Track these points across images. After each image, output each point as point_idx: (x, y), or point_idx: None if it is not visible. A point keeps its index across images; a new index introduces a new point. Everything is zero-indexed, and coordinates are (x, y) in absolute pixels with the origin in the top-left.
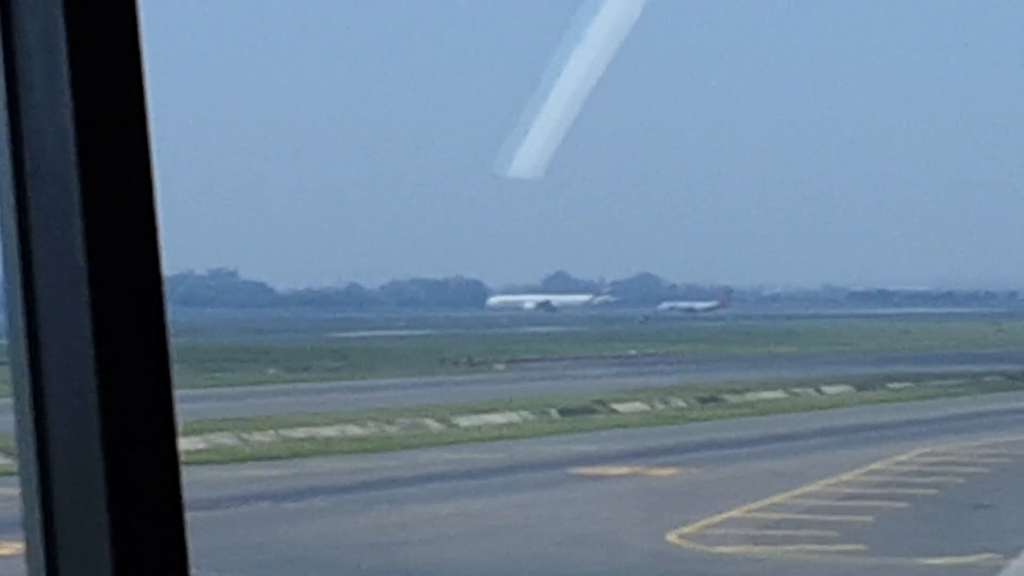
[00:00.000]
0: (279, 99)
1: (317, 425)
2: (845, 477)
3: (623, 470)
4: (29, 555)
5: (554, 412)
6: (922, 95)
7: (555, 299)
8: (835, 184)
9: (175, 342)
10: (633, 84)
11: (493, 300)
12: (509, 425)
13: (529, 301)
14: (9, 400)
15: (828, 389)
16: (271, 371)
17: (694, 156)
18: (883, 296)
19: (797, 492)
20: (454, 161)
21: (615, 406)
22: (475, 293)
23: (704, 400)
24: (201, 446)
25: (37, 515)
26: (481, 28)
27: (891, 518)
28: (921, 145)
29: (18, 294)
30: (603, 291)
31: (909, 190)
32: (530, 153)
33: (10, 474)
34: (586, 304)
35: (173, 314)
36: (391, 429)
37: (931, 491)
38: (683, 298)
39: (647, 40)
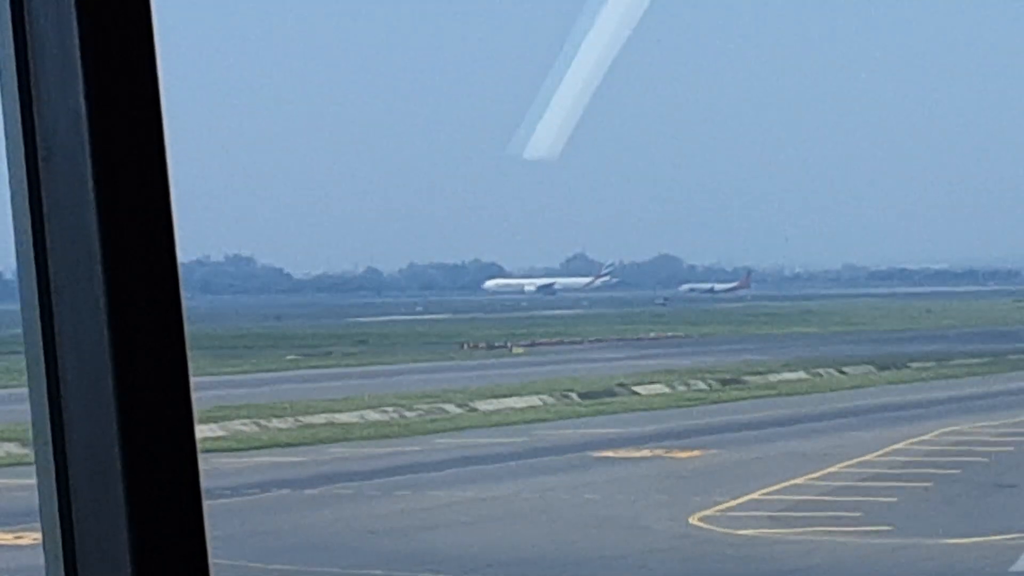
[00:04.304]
0: (296, 85)
1: (336, 411)
2: (868, 457)
3: (645, 453)
4: (46, 543)
5: (574, 395)
6: (940, 75)
7: (559, 282)
8: (855, 164)
9: (192, 329)
10: (650, 65)
11: (490, 283)
12: (529, 409)
13: (529, 284)
14: (26, 389)
15: (850, 369)
16: (290, 357)
17: (714, 138)
18: (904, 275)
19: (820, 473)
20: (471, 144)
21: (636, 388)
22: (494, 276)
23: (725, 382)
24: (220, 433)
25: (54, 503)
26: (496, 11)
27: (915, 498)
28: (941, 124)
29: (32, 281)
30: (603, 272)
31: (929, 169)
32: (546, 134)
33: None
34: (586, 286)
35: (190, 300)
36: (410, 414)
37: (954, 471)
38: (703, 279)
39: (665, 21)
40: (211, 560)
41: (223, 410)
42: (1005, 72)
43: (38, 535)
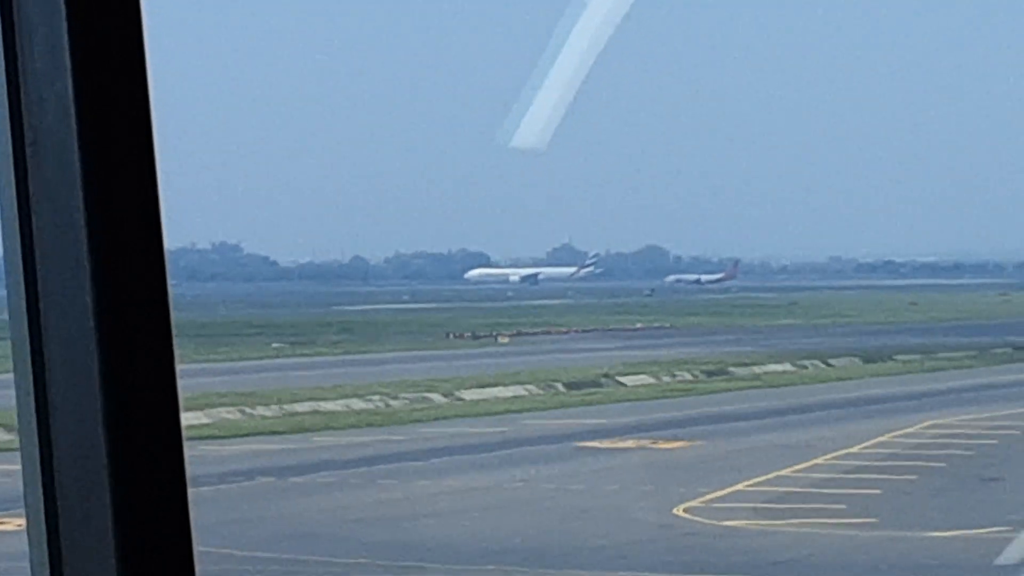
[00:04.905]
0: (284, 73)
1: (321, 399)
2: (853, 450)
3: (630, 443)
4: (30, 530)
5: (560, 385)
6: (927, 67)
7: (544, 272)
8: (842, 156)
9: (178, 316)
10: (639, 56)
11: (473, 273)
12: (515, 399)
13: (513, 273)
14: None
15: (835, 362)
16: (275, 345)
17: (701, 128)
18: (890, 267)
19: (804, 465)
20: (458, 133)
21: (621, 379)
22: (481, 266)
23: (711, 373)
24: (205, 421)
25: (39, 490)
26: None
27: (900, 491)
28: (929, 117)
29: (18, 267)
30: (587, 262)
31: (916, 162)
32: (534, 123)
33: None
34: (571, 276)
35: (176, 288)
36: (396, 403)
37: (940, 464)
38: (689, 270)
39: (654, 10)
40: (195, 547)
41: (208, 397)
42: (992, 68)
43: (22, 521)
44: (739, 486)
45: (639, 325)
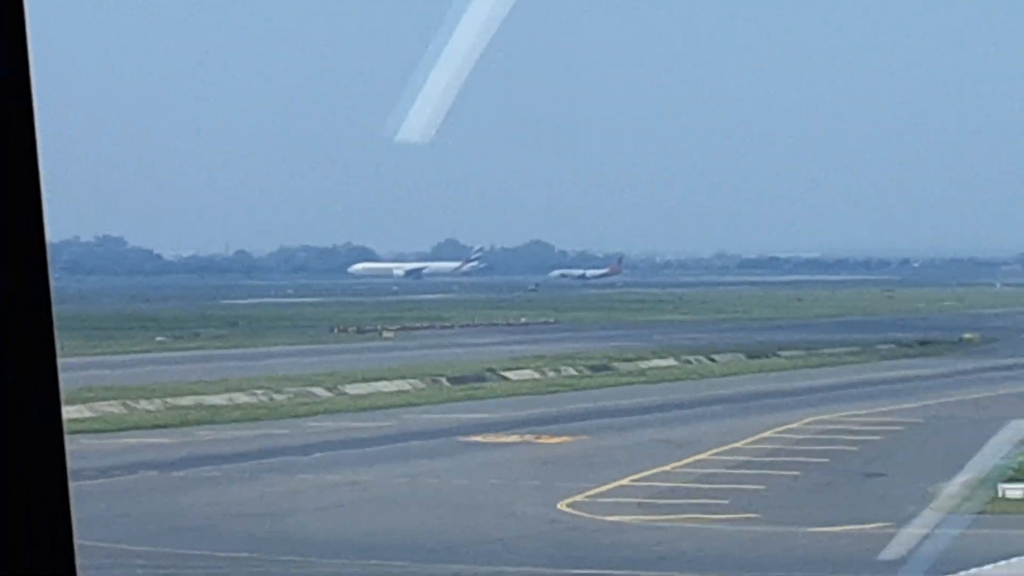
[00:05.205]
0: (168, 66)
1: (205, 393)
2: (736, 445)
3: (514, 438)
4: None
5: (444, 380)
6: (816, 65)
7: (429, 266)
8: (728, 152)
9: (61, 310)
10: (524, 52)
11: (356, 267)
12: (399, 393)
13: (397, 268)
14: None
15: (719, 357)
16: (159, 339)
17: (587, 123)
18: (775, 263)
19: (688, 460)
20: (343, 127)
21: (506, 374)
22: (365, 260)
23: (595, 368)
24: (88, 414)
25: None
26: None
27: (783, 487)
28: (816, 115)
29: None
30: (472, 257)
31: (802, 159)
32: (420, 118)
33: None
34: (455, 271)
35: (58, 281)
36: (280, 397)
37: (823, 460)
38: (574, 265)
39: (539, 6)
40: (77, 541)
41: (91, 391)
42: (878, 64)
43: None
44: (623, 481)
45: (523, 320)
